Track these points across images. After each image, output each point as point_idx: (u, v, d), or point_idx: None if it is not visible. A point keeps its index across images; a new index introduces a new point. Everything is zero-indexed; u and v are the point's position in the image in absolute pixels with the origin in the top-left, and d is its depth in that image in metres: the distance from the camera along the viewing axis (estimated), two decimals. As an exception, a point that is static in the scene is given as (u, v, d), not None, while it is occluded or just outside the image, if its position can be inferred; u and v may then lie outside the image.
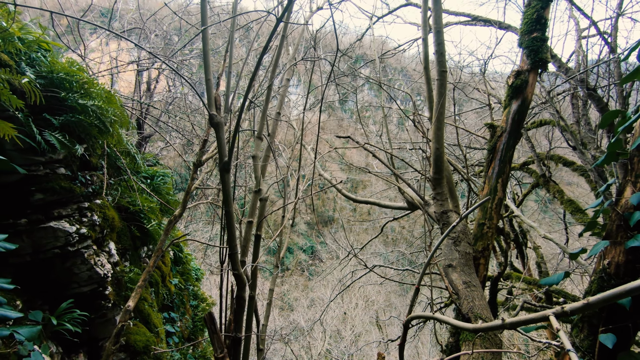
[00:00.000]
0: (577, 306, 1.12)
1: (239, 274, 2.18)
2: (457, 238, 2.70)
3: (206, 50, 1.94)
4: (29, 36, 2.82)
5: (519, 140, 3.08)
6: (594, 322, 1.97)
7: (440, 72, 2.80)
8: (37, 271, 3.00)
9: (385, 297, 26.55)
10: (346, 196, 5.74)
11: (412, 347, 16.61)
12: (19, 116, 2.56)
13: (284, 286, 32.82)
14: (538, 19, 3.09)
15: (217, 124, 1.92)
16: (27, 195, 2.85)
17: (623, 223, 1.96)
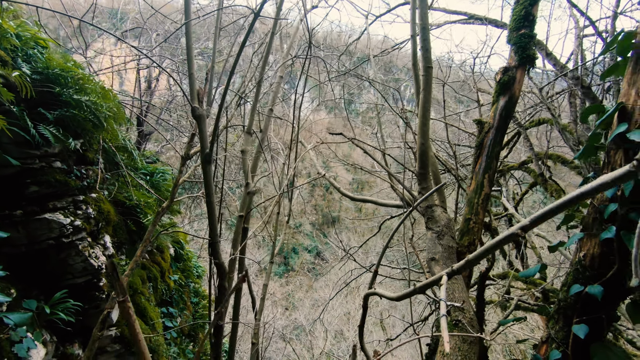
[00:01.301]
0: (461, 264, 1.43)
1: (219, 263, 2.23)
2: (441, 232, 2.72)
3: (189, 45, 2.00)
4: (26, 33, 2.91)
5: (504, 137, 3.09)
6: (568, 314, 1.99)
7: (425, 67, 2.83)
8: (32, 261, 3.09)
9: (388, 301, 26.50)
10: (343, 194, 5.77)
11: (412, 347, 16.55)
12: (14, 110, 2.65)
13: (288, 286, 32.88)
14: (526, 15, 3.11)
15: (199, 116, 1.98)
16: (22, 188, 2.94)
17: (598, 215, 1.97)
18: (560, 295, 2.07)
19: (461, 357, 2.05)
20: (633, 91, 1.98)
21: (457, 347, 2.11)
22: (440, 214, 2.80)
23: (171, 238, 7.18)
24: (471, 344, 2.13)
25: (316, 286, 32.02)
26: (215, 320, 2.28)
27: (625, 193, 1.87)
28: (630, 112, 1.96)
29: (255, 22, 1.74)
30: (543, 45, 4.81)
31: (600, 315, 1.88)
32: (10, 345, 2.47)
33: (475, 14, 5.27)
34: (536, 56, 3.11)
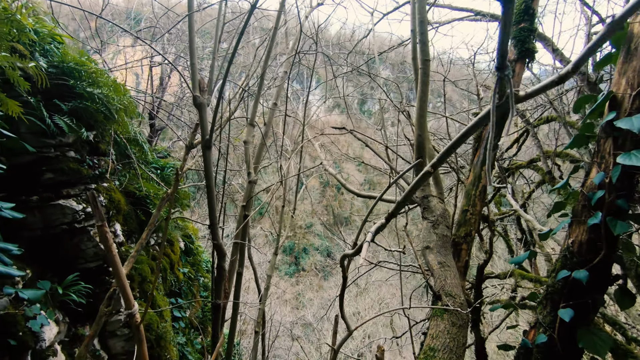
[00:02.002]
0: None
1: (218, 244, 2.34)
2: (436, 221, 2.77)
3: (191, 37, 2.11)
4: (43, 29, 3.08)
5: (502, 130, 3.12)
6: (555, 299, 2.02)
7: (423, 60, 2.88)
8: (47, 245, 3.26)
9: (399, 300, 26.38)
10: (348, 189, 5.84)
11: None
12: (31, 101, 2.82)
13: (298, 286, 33.02)
14: (526, 9, 3.13)
15: (200, 104, 2.09)
16: (38, 175, 3.12)
17: (587, 203, 2.00)
18: (549, 281, 2.10)
19: (449, 339, 2.11)
20: (623, 80, 2.00)
21: (446, 330, 2.17)
22: (436, 204, 2.85)
23: (181, 232, 7.38)
24: (460, 328, 2.18)
25: (326, 286, 32.09)
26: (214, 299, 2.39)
27: (613, 180, 1.90)
28: (620, 101, 1.98)
29: (252, 12, 1.84)
30: (550, 41, 4.79)
31: (587, 300, 1.91)
32: (25, 320, 2.63)
33: (481, 11, 5.27)
34: (535, 50, 3.12)
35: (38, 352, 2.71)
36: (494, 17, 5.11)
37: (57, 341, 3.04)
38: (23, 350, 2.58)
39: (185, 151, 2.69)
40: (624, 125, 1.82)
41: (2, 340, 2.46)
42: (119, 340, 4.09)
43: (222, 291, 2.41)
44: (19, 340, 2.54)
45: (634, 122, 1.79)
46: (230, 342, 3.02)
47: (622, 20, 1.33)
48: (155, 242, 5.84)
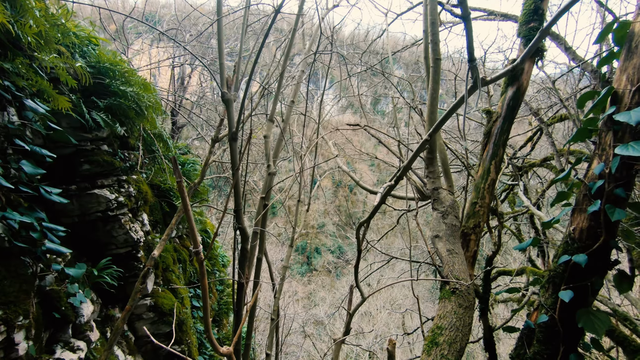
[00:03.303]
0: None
1: (242, 227, 2.54)
2: (445, 212, 2.92)
3: (220, 39, 2.33)
4: (82, 32, 3.37)
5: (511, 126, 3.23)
6: (557, 282, 2.15)
7: (434, 59, 3.03)
8: (83, 231, 3.55)
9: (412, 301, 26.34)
10: (361, 186, 5.99)
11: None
12: (73, 98, 3.09)
13: (310, 285, 33.25)
14: (536, 9, 3.24)
15: (228, 100, 2.30)
16: (77, 166, 3.40)
17: (588, 192, 2.13)
18: (552, 266, 2.23)
19: (456, 319, 2.26)
20: (624, 77, 2.12)
21: (453, 310, 2.32)
22: (445, 195, 3.00)
23: (199, 227, 7.67)
24: (466, 309, 2.33)
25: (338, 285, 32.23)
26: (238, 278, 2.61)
27: (612, 170, 2.02)
28: (621, 96, 2.10)
29: (276, 16, 2.03)
30: (563, 40, 4.84)
31: (586, 283, 2.04)
32: (66, 297, 2.90)
33: (493, 10, 5.35)
34: (545, 48, 3.23)
35: (77, 326, 2.98)
36: (507, 16, 5.19)
37: (92, 319, 3.31)
38: (65, 323, 2.86)
39: (211, 144, 2.92)
40: (622, 118, 1.94)
41: (47, 313, 2.73)
42: (145, 323, 4.37)
43: (245, 270, 2.62)
44: (62, 314, 2.81)
45: (632, 115, 1.91)
46: (250, 323, 3.23)
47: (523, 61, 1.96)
48: (177, 235, 6.14)
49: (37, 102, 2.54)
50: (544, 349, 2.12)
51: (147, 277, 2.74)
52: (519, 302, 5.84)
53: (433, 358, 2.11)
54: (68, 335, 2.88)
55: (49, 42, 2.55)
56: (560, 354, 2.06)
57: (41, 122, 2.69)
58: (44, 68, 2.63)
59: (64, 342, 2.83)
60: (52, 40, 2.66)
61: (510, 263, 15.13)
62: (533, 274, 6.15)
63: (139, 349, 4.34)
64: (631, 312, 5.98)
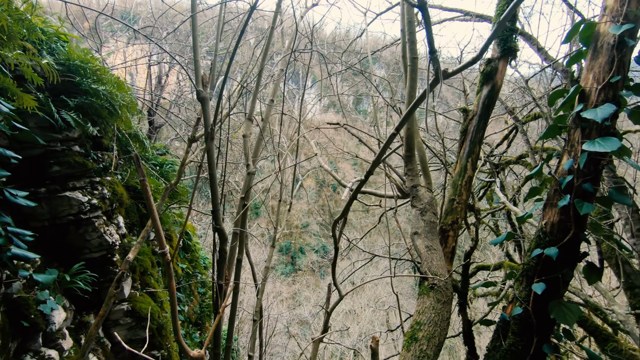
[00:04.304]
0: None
1: (220, 228, 2.50)
2: (424, 209, 2.96)
3: (195, 36, 2.28)
4: (49, 28, 3.23)
5: (487, 123, 3.30)
6: (530, 275, 2.21)
7: (411, 58, 3.07)
8: (54, 235, 3.41)
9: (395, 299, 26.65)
10: (341, 183, 6.01)
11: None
12: (40, 96, 2.96)
13: (295, 285, 33.16)
14: (508, 10, 3.32)
15: (203, 98, 2.26)
16: (46, 168, 3.26)
17: (558, 187, 2.20)
18: (525, 260, 2.29)
19: (434, 314, 2.29)
20: (590, 75, 2.20)
21: (431, 306, 2.36)
22: (424, 193, 3.04)
23: (179, 229, 7.51)
24: (444, 304, 2.37)
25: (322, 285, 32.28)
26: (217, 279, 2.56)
27: (580, 166, 2.09)
28: (588, 94, 2.18)
29: (251, 14, 2.00)
30: (535, 40, 5.00)
31: (557, 275, 2.11)
32: (36, 304, 2.77)
33: (470, 11, 5.47)
34: (517, 48, 3.32)
35: (48, 334, 2.86)
36: (482, 17, 5.31)
37: (65, 326, 3.18)
38: (35, 332, 2.73)
39: (188, 144, 2.85)
40: (589, 115, 2.01)
41: (15, 322, 2.61)
42: (122, 329, 4.24)
43: (223, 272, 2.57)
44: (31, 322, 2.69)
45: (598, 112, 1.99)
46: (230, 325, 3.19)
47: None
48: (155, 237, 5.98)
49: (1, 100, 2.42)
50: (518, 340, 2.18)
51: (122, 281, 2.66)
52: (498, 296, 6.00)
53: (412, 353, 2.13)
54: (38, 344, 2.76)
55: (13, 38, 2.44)
56: (534, 345, 2.12)
57: (5, 121, 2.56)
58: (7, 65, 2.51)
59: (33, 351, 2.71)
60: (17, 35, 2.54)
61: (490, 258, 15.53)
62: (510, 268, 6.33)
63: (116, 356, 4.21)
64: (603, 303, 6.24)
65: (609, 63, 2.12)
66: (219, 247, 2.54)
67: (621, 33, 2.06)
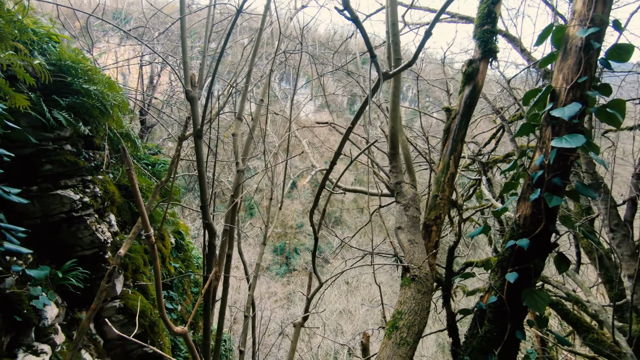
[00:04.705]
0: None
1: (209, 223, 2.58)
2: (407, 204, 3.07)
3: (183, 37, 2.35)
4: (40, 29, 3.28)
5: (469, 122, 3.42)
6: (504, 265, 2.33)
7: (395, 59, 3.17)
8: (46, 233, 3.46)
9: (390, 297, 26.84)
10: (331, 182, 6.11)
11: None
12: (32, 96, 3.02)
13: (290, 286, 33.20)
14: (489, 13, 3.44)
15: (192, 98, 2.34)
16: (38, 166, 3.31)
17: (531, 182, 2.32)
18: (500, 251, 2.41)
19: (415, 304, 2.40)
20: (560, 76, 2.32)
21: (412, 296, 2.46)
22: (407, 189, 3.15)
23: (172, 228, 7.56)
24: (424, 294, 2.47)
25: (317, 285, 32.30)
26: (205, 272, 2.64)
27: (550, 162, 2.21)
28: (558, 94, 2.30)
29: (237, 17, 2.09)
30: (519, 41, 5.15)
31: (529, 265, 2.22)
32: (28, 300, 2.83)
33: (457, 13, 5.61)
34: (497, 50, 3.45)
35: (41, 329, 2.91)
36: (468, 19, 5.45)
37: (57, 322, 3.24)
38: (28, 326, 2.79)
39: (178, 142, 2.93)
40: (557, 113, 2.13)
41: (8, 317, 2.66)
42: (114, 326, 4.29)
43: (212, 265, 2.66)
44: (24, 317, 2.74)
45: (565, 111, 2.11)
46: (221, 317, 3.27)
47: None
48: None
49: (-7, 100, 2.48)
50: (493, 327, 2.29)
51: (112, 276, 2.73)
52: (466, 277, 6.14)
53: (393, 341, 2.24)
54: (31, 338, 2.82)
55: (5, 39, 2.49)
56: (508, 331, 2.24)
57: (-2, 120, 2.62)
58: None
59: (26, 345, 2.77)
60: (8, 36, 2.60)
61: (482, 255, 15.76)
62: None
63: (108, 352, 4.26)
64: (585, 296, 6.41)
65: (577, 64, 2.24)
66: (207, 241, 2.63)
67: (587, 36, 2.19)
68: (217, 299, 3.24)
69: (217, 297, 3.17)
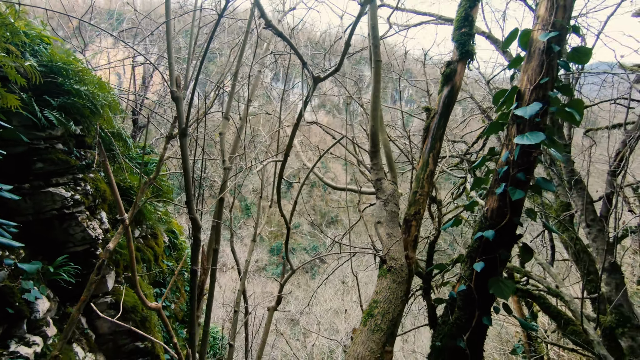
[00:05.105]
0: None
1: (194, 217, 2.70)
2: (387, 200, 3.20)
3: (169, 40, 2.47)
4: (32, 31, 3.38)
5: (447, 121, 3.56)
6: (473, 256, 2.47)
7: (375, 61, 3.31)
8: (38, 229, 3.55)
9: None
10: (326, 183, 6.24)
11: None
12: (23, 96, 3.12)
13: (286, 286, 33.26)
14: (466, 17, 3.58)
15: (177, 98, 2.45)
16: (30, 164, 3.41)
17: (497, 177, 2.46)
18: (470, 243, 2.55)
19: (390, 293, 2.53)
20: (525, 77, 2.47)
21: (388, 286, 2.59)
22: (387, 185, 3.28)
23: (165, 227, 7.65)
24: (399, 284, 2.60)
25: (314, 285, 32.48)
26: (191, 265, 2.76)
27: (515, 158, 2.35)
28: (523, 94, 2.45)
29: (219, 21, 2.21)
30: (500, 43, 5.30)
31: (495, 255, 2.36)
32: (21, 293, 2.93)
33: (442, 15, 5.76)
34: (474, 52, 3.59)
35: (33, 321, 3.01)
36: (450, 20, 5.59)
37: (49, 315, 3.34)
38: (20, 319, 2.89)
39: (165, 141, 3.04)
40: (519, 112, 2.28)
41: (1, 309, 2.76)
42: (106, 321, 4.39)
43: (197, 259, 2.77)
44: (16, 310, 2.84)
45: (527, 110, 2.25)
46: (208, 310, 3.38)
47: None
48: (140, 235, 6.12)
49: (-14, 100, 2.58)
50: (463, 314, 2.43)
51: (102, 269, 2.83)
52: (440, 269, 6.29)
53: (368, 327, 2.37)
54: (23, 330, 2.92)
55: (-3, 41, 2.60)
56: (476, 317, 2.38)
57: (-10, 120, 2.72)
58: (-8, 67, 2.67)
59: (18, 337, 2.87)
60: (0, 39, 2.70)
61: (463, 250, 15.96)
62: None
63: (100, 347, 4.36)
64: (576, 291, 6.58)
65: (540, 66, 2.38)
66: (193, 235, 2.74)
67: (549, 39, 2.33)
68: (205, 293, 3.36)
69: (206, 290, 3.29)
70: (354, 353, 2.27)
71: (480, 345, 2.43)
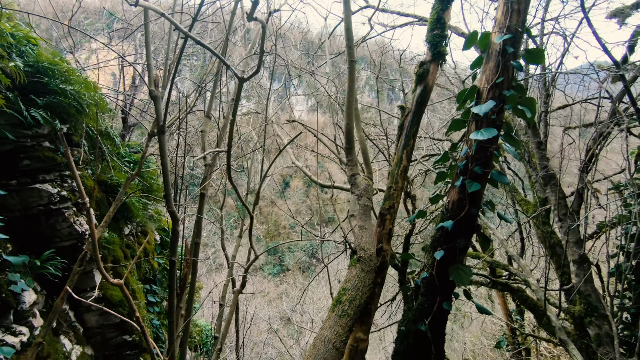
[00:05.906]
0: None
1: (172, 210, 2.83)
2: (360, 194, 3.35)
3: (147, 41, 2.60)
4: (19, 33, 3.50)
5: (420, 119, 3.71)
6: (435, 245, 2.62)
7: (349, 61, 3.45)
8: (26, 225, 3.67)
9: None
10: (313, 180, 6.38)
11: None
12: (10, 96, 3.23)
13: (283, 285, 33.38)
14: (438, 19, 3.73)
15: (155, 97, 2.58)
16: (17, 162, 3.53)
17: (457, 171, 2.61)
18: (433, 233, 2.70)
19: (358, 281, 2.68)
20: (484, 77, 2.62)
21: (356, 275, 2.74)
22: (361, 180, 3.43)
23: (156, 224, 7.75)
24: (367, 273, 2.75)
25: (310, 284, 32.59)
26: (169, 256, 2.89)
27: (472, 152, 2.51)
28: (481, 93, 2.60)
29: (193, 24, 2.34)
30: (480, 44, 5.45)
31: (454, 245, 2.51)
32: (7, 285, 3.05)
33: (423, 17, 5.91)
34: (446, 52, 3.74)
35: (19, 312, 3.13)
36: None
37: (36, 307, 3.46)
38: (6, 309, 3.01)
39: (147, 138, 3.17)
40: (476, 110, 2.43)
41: (-13, 300, 2.88)
42: (94, 315, 4.51)
43: (175, 250, 2.90)
44: (3, 301, 2.96)
45: (482, 107, 2.40)
46: (190, 299, 3.52)
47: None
48: (130, 232, 6.23)
49: (-28, 99, 2.69)
50: (425, 300, 2.58)
51: (84, 261, 2.95)
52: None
53: (336, 313, 2.51)
54: (10, 320, 3.04)
55: (-17, 43, 2.71)
56: (437, 303, 2.53)
57: (-24, 118, 2.83)
58: (-23, 67, 2.78)
59: (5, 327, 2.99)
60: (-14, 41, 2.82)
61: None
62: (470, 256, 6.81)
63: (88, 340, 4.48)
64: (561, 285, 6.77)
65: (496, 67, 2.54)
66: (171, 228, 2.87)
67: (504, 41, 2.49)
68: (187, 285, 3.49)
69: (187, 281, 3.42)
70: (321, 336, 2.41)
71: (442, 329, 2.59)
